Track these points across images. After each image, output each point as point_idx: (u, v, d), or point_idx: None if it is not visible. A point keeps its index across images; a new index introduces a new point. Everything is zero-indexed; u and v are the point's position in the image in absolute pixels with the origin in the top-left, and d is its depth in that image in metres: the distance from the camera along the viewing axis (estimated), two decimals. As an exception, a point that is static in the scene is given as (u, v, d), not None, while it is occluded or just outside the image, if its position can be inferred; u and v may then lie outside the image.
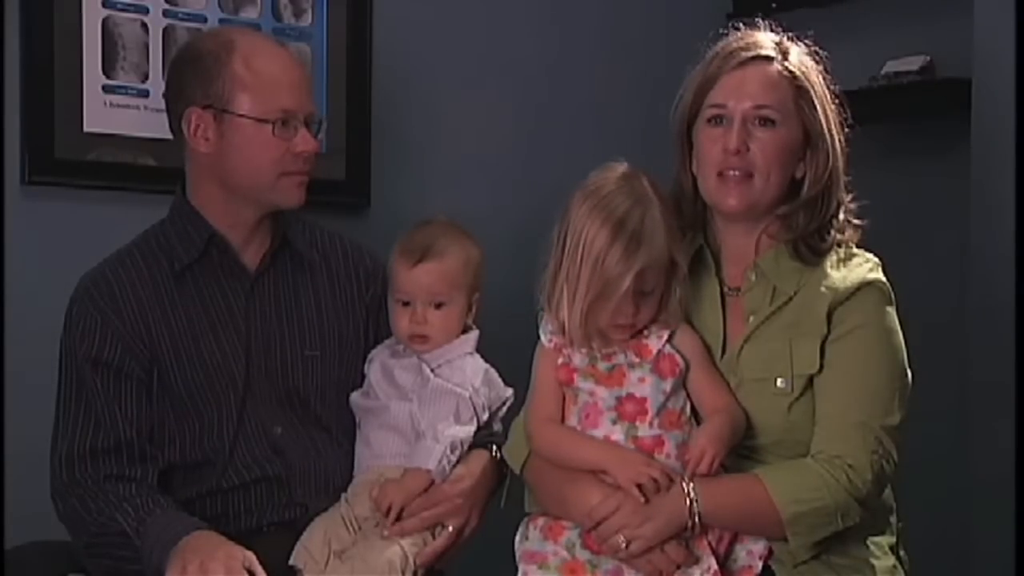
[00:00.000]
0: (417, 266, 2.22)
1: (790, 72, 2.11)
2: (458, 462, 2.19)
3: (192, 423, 2.24)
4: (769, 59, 2.12)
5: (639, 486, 1.98)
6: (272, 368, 2.29)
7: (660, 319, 2.08)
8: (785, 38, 2.16)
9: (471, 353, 2.25)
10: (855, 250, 2.15)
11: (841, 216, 2.14)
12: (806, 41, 2.18)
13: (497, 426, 2.27)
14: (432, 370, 2.22)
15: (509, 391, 2.25)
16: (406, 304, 2.23)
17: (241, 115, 2.22)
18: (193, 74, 2.25)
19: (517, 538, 2.11)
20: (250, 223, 2.29)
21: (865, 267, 2.12)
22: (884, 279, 2.12)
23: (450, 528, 2.18)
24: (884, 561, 2.11)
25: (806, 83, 2.11)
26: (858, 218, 2.17)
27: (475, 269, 2.26)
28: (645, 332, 2.07)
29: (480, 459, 2.23)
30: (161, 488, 2.21)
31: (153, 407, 2.22)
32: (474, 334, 2.26)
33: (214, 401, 2.24)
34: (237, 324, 2.28)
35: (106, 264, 2.29)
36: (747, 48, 2.13)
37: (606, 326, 2.05)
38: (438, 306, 2.23)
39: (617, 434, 2.04)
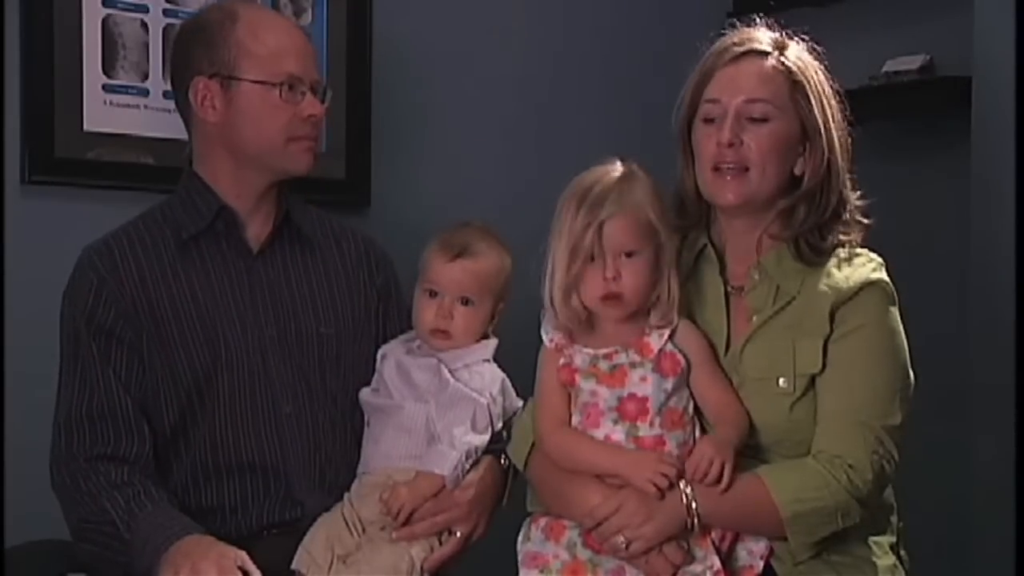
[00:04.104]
0: (455, 261, 2.22)
1: (785, 66, 2.11)
2: (470, 469, 2.19)
3: (191, 393, 2.23)
4: (763, 54, 2.12)
5: (655, 485, 1.98)
6: (287, 344, 2.29)
7: (658, 307, 2.06)
8: (783, 35, 2.17)
9: (488, 360, 2.25)
10: (858, 250, 2.14)
11: (846, 215, 2.14)
12: (802, 37, 2.18)
13: (505, 434, 2.25)
14: (451, 372, 2.21)
15: (520, 402, 2.25)
16: (433, 296, 2.23)
17: (248, 80, 2.23)
18: (198, 44, 2.26)
19: (519, 538, 2.10)
20: (258, 192, 2.30)
21: (868, 267, 2.12)
22: (887, 279, 2.11)
23: (458, 534, 2.18)
24: (884, 560, 2.11)
25: (801, 77, 2.11)
26: (865, 216, 2.17)
27: (506, 278, 2.26)
28: (646, 330, 2.07)
29: (490, 467, 2.23)
30: (157, 469, 2.21)
31: (146, 373, 2.22)
32: (493, 341, 2.26)
33: (216, 373, 2.24)
34: (239, 298, 2.27)
35: (110, 234, 2.30)
36: (741, 44, 2.14)
37: (593, 300, 2.05)
38: (465, 303, 2.22)
39: (618, 434, 2.04)
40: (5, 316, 2.31)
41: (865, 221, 2.16)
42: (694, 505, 1.98)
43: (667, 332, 2.07)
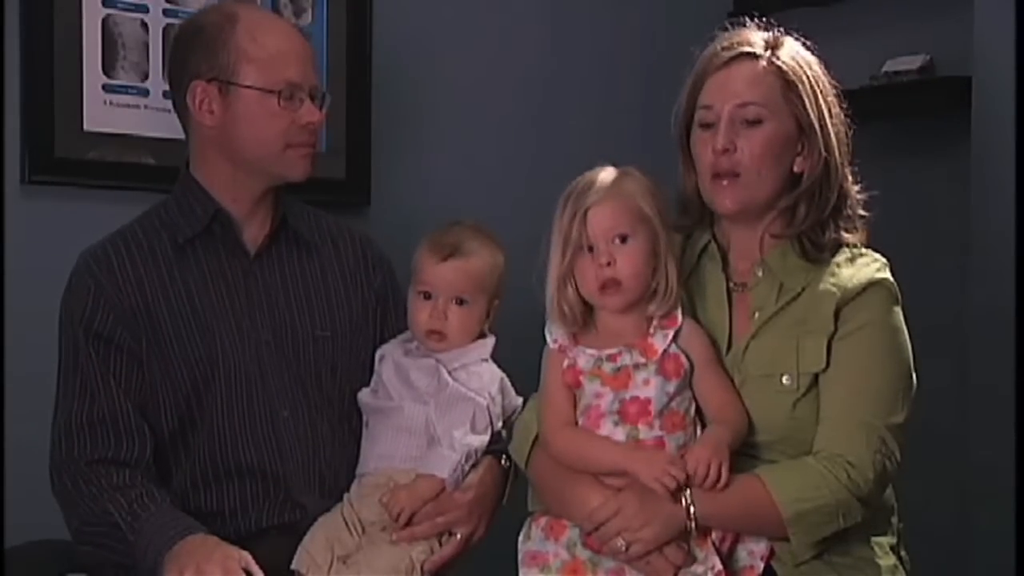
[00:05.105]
0: (446, 261, 2.22)
1: (776, 66, 2.11)
2: (470, 470, 2.19)
3: (190, 398, 2.23)
4: (754, 56, 2.12)
5: (663, 485, 1.98)
6: (284, 348, 2.29)
7: (656, 297, 2.06)
8: (775, 33, 2.16)
9: (486, 359, 2.24)
10: (863, 250, 2.15)
11: (847, 210, 2.14)
12: (792, 35, 2.18)
13: (505, 433, 2.25)
14: (449, 373, 2.21)
15: (520, 400, 2.24)
16: (427, 298, 2.23)
17: (246, 86, 2.22)
18: (197, 47, 2.25)
19: (520, 537, 2.10)
20: (254, 196, 2.29)
21: (873, 266, 2.12)
22: (892, 279, 2.12)
23: (458, 536, 2.18)
24: (885, 561, 2.11)
25: (793, 76, 2.11)
26: (865, 209, 2.17)
27: (499, 275, 2.25)
28: (650, 329, 2.07)
29: (490, 468, 2.23)
30: (157, 473, 2.21)
31: (145, 379, 2.22)
32: (491, 340, 2.26)
33: (213, 378, 2.23)
34: (235, 302, 2.27)
35: (107, 239, 2.30)
36: (731, 47, 2.14)
37: (591, 291, 2.05)
38: (460, 303, 2.22)
39: (618, 436, 2.03)
40: (5, 316, 2.31)
41: (864, 214, 2.17)
42: (693, 508, 1.98)
43: (671, 333, 2.06)
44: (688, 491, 1.99)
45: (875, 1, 3.37)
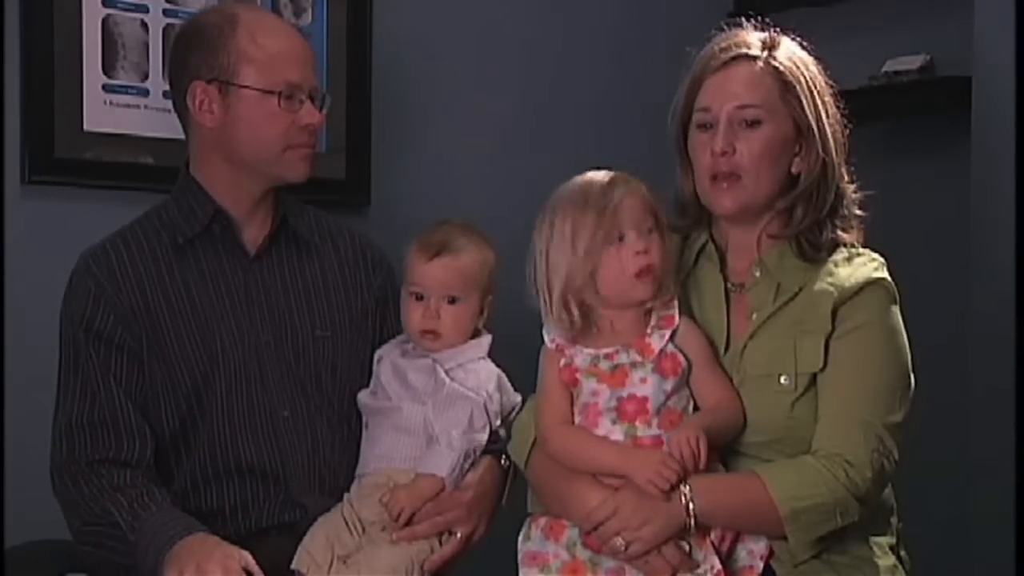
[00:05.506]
0: (434, 260, 2.21)
1: (774, 68, 2.11)
2: (469, 469, 2.19)
3: (190, 398, 2.23)
4: (752, 58, 2.12)
5: (656, 486, 1.98)
6: (283, 348, 2.29)
7: (663, 290, 2.06)
8: (773, 32, 2.16)
9: (483, 357, 2.24)
10: (860, 250, 2.15)
11: (843, 210, 2.14)
12: (791, 35, 2.18)
13: (504, 432, 2.25)
14: (446, 372, 2.21)
15: (518, 397, 2.24)
16: (419, 298, 2.23)
17: (246, 87, 2.22)
18: (197, 48, 2.25)
19: (520, 538, 2.10)
20: (254, 197, 2.29)
21: (871, 266, 2.12)
22: (889, 278, 2.12)
23: (458, 535, 2.18)
24: (884, 560, 2.11)
25: (791, 77, 2.11)
26: (861, 208, 2.17)
27: (490, 271, 2.25)
28: (647, 329, 2.07)
29: (490, 467, 2.23)
30: (157, 472, 2.21)
31: (146, 379, 2.22)
32: (487, 338, 2.25)
33: (213, 378, 2.23)
34: (235, 302, 2.27)
35: (107, 239, 2.30)
36: (729, 48, 2.14)
37: (624, 281, 2.03)
38: (452, 302, 2.22)
39: (616, 434, 2.04)
40: (5, 316, 2.31)
41: (860, 214, 2.17)
42: (692, 505, 1.98)
43: (668, 333, 2.07)
44: (688, 489, 1.99)
45: (875, 1, 3.37)
